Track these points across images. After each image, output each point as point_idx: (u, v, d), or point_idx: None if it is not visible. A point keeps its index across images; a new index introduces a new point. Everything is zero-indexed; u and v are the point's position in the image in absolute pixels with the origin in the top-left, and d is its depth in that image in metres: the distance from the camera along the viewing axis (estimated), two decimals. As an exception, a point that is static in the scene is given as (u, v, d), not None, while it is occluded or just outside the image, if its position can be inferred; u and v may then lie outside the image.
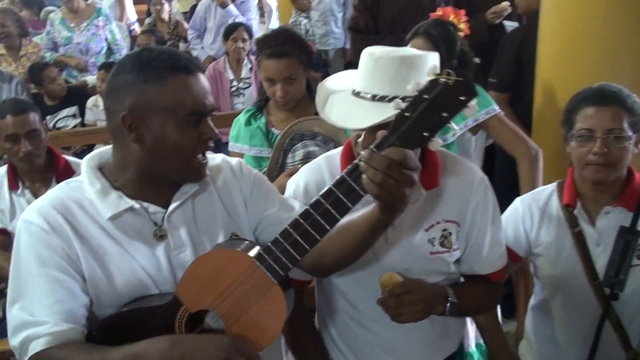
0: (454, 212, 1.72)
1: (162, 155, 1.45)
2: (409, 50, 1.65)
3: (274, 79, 2.52)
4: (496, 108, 2.64)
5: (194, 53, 6.03)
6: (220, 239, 1.56)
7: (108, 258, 1.47)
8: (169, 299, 1.44)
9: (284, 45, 2.50)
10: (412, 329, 1.70)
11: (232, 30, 4.75)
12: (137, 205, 1.48)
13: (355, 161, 1.30)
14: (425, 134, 1.24)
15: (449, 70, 1.23)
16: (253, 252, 1.43)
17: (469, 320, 2.18)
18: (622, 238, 1.94)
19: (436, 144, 1.27)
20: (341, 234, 1.43)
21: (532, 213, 2.07)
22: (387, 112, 1.44)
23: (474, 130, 2.68)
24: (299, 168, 1.93)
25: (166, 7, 6.47)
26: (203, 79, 1.48)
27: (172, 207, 1.52)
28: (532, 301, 2.20)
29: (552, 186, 2.10)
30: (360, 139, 1.60)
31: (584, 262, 1.97)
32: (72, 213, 1.46)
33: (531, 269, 2.17)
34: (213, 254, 1.46)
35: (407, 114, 1.24)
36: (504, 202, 2.14)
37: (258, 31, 5.91)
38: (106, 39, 5.44)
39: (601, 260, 1.97)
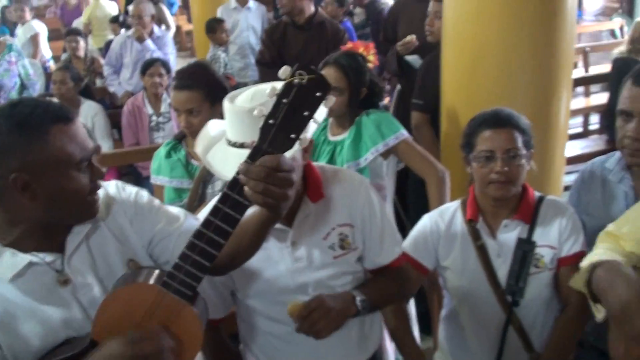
0: (345, 216, 1.89)
1: (59, 206, 1.46)
2: (258, 90, 1.73)
3: (179, 110, 2.64)
4: (404, 133, 2.79)
5: (111, 89, 6.01)
6: (121, 268, 1.58)
7: (17, 321, 1.45)
8: (86, 342, 1.44)
9: (189, 78, 2.62)
10: (332, 335, 1.81)
11: (148, 66, 4.78)
12: (34, 259, 1.48)
13: (234, 175, 1.34)
14: (292, 135, 1.29)
15: (300, 71, 1.27)
16: (156, 280, 1.47)
17: (387, 337, 2.31)
18: (520, 249, 2.10)
19: (304, 141, 1.31)
20: (234, 236, 1.46)
21: (439, 228, 2.21)
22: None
23: (385, 155, 2.82)
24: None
25: (82, 43, 6.42)
26: (78, 123, 1.48)
27: (68, 250, 1.52)
28: (443, 312, 2.34)
29: (456, 203, 2.25)
30: None
31: (487, 273, 2.12)
32: None
33: (440, 282, 2.30)
34: (117, 293, 1.47)
35: (271, 121, 1.29)
36: (416, 221, 2.29)
37: (175, 65, 5.96)
38: (19, 75, 5.38)
39: (502, 270, 2.11)
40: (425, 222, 2.25)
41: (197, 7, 7.10)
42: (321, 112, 1.32)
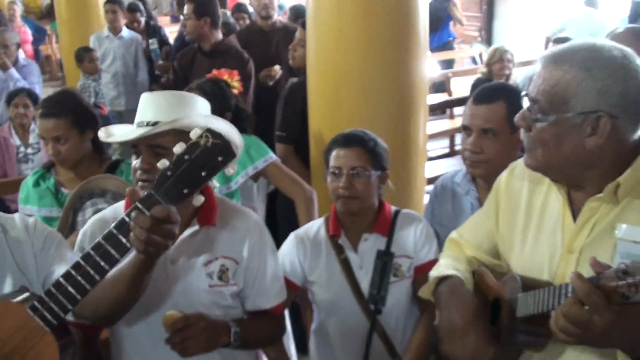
0: (231, 250, 1.91)
1: None
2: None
3: (45, 138, 2.63)
4: (273, 156, 2.91)
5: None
6: (7, 287, 1.61)
7: None
8: None
9: (55, 106, 2.63)
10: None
11: (14, 96, 4.65)
12: None
13: (123, 216, 1.40)
14: (185, 191, 1.37)
15: (208, 134, 1.36)
16: (27, 303, 1.49)
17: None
18: (380, 260, 2.26)
19: (198, 200, 1.42)
20: (112, 282, 1.52)
21: (305, 245, 2.33)
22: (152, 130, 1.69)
23: (255, 177, 2.93)
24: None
25: None
26: None
27: None
28: (313, 325, 2.45)
29: (320, 220, 2.39)
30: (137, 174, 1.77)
31: (351, 284, 2.26)
32: None
33: (309, 297, 2.42)
34: None
35: (169, 173, 1.37)
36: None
37: (42, 95, 5.81)
38: None
39: (365, 281, 2.26)
40: (292, 239, 2.36)
41: (66, 36, 6.95)
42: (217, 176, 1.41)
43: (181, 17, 5.50)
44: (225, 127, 1.90)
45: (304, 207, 2.89)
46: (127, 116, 6.38)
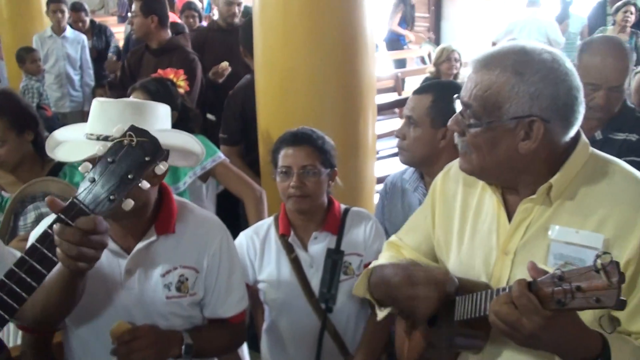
0: (192, 258, 1.84)
1: None
2: (137, 99, 1.83)
3: None
4: (221, 155, 2.88)
5: None
6: None
7: None
8: None
9: None
10: None
11: None
12: None
13: (46, 229, 1.30)
14: (112, 197, 1.27)
15: (131, 133, 1.28)
16: None
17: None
18: (330, 258, 2.25)
19: (128, 204, 1.30)
20: (44, 290, 1.43)
21: (255, 244, 2.31)
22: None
23: (204, 177, 2.89)
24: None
25: None
26: None
27: None
28: (264, 325, 2.42)
29: (270, 219, 2.37)
30: None
31: (301, 283, 2.25)
32: None
33: (260, 296, 2.40)
34: None
35: (91, 178, 1.27)
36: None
37: None
38: None
39: (315, 280, 2.25)
40: (242, 239, 2.34)
41: (7, 36, 6.77)
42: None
43: (129, 15, 5.41)
44: (185, 139, 1.86)
45: (254, 206, 2.87)
46: (71, 118, 6.25)
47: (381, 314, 1.76)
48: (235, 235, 2.41)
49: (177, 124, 2.86)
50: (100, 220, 1.28)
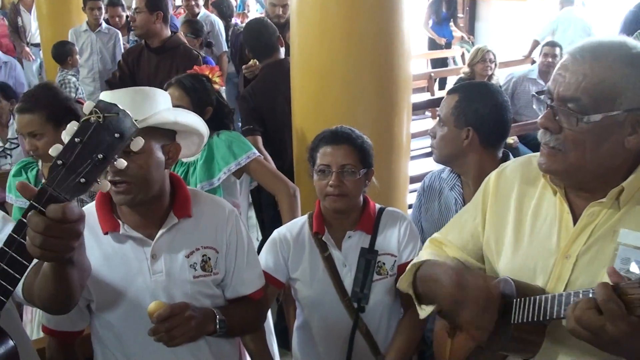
0: (210, 239, 1.92)
1: None
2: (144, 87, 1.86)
3: (22, 133, 2.60)
4: (255, 152, 2.89)
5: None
6: None
7: None
8: None
9: (30, 101, 2.59)
10: (188, 355, 1.85)
11: None
12: None
13: (21, 218, 1.24)
14: (82, 180, 1.19)
15: (97, 109, 1.20)
16: None
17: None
18: (364, 258, 2.24)
19: (104, 185, 1.25)
20: (40, 279, 1.42)
21: (288, 242, 2.31)
22: None
23: (238, 174, 2.90)
24: None
25: None
26: None
27: None
28: (296, 322, 2.43)
29: (304, 217, 2.37)
30: None
31: (334, 282, 2.25)
32: None
33: (293, 294, 2.40)
34: None
35: (59, 162, 1.19)
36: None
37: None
38: None
39: (348, 279, 2.25)
40: (275, 236, 2.34)
41: (46, 31, 6.87)
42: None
43: (129, 12, 5.44)
44: (193, 119, 1.91)
45: (287, 203, 2.87)
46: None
47: (424, 311, 1.75)
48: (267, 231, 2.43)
49: (212, 119, 2.88)
50: (70, 208, 1.19)
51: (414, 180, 3.86)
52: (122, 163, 1.25)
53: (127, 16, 6.96)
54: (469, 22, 10.61)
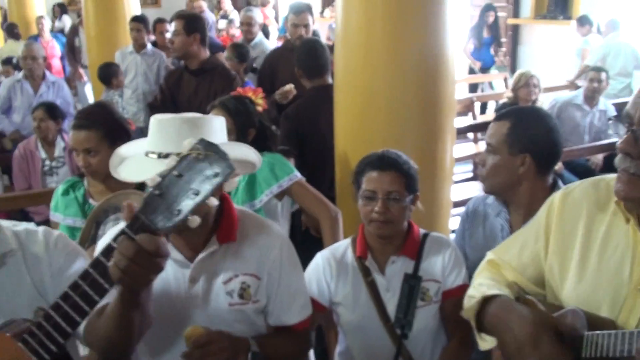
0: (253, 266, 1.86)
1: None
2: (192, 113, 1.84)
3: (76, 149, 2.63)
4: (298, 174, 2.89)
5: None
6: (24, 310, 1.56)
7: None
8: None
9: (87, 118, 2.63)
10: None
11: (34, 110, 4.74)
12: None
13: (110, 242, 1.28)
14: (176, 211, 1.22)
15: (199, 146, 1.23)
16: (17, 333, 1.40)
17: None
18: (407, 283, 2.21)
19: (194, 221, 1.25)
20: (105, 319, 1.44)
21: (331, 266, 2.28)
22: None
23: (280, 196, 2.90)
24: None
25: None
26: None
27: None
28: (338, 348, 2.40)
29: (347, 241, 2.35)
30: None
31: (377, 307, 2.21)
32: None
33: (334, 318, 2.37)
34: None
35: (157, 192, 1.22)
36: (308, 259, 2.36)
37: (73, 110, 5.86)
38: None
39: (391, 304, 2.21)
40: (318, 260, 2.32)
41: (94, 51, 7.02)
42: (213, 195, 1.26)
43: (167, 35, 5.50)
44: (244, 151, 1.90)
45: (329, 226, 2.85)
46: (146, 132, 6.36)
47: (485, 343, 1.65)
48: (309, 254, 2.41)
49: (255, 141, 2.89)
50: (163, 243, 1.24)
51: (455, 205, 3.82)
52: (214, 201, 1.27)
53: (171, 37, 7.06)
54: (512, 46, 10.51)
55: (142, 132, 6.39)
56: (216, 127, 1.83)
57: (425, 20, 3.02)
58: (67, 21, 11.72)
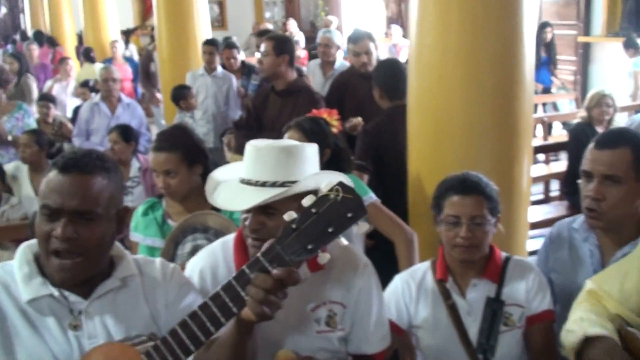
0: (339, 294, 1.87)
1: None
2: (288, 141, 1.88)
3: (156, 170, 2.69)
4: (373, 196, 2.87)
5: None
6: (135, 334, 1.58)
7: (18, 340, 1.51)
8: None
9: (167, 140, 2.69)
10: None
11: (109, 133, 4.89)
12: (56, 293, 1.54)
13: (244, 268, 1.35)
14: (309, 246, 1.29)
15: (339, 188, 1.29)
16: (143, 348, 1.45)
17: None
18: (490, 307, 2.17)
19: (323, 257, 1.32)
20: (217, 347, 1.48)
21: (410, 288, 2.26)
22: (268, 194, 1.63)
23: (355, 218, 2.89)
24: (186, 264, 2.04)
25: (52, 110, 6.44)
26: (75, 180, 1.51)
27: (91, 299, 1.57)
28: (416, 372, 2.37)
29: (427, 263, 2.32)
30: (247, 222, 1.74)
31: (459, 331, 2.17)
32: None
33: (413, 342, 2.34)
34: (104, 346, 1.48)
35: (293, 226, 1.29)
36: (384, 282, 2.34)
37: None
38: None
39: (473, 329, 2.17)
40: (397, 282, 2.30)
41: (166, 74, 7.20)
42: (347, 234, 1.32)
43: (257, 55, 5.53)
44: (330, 179, 1.88)
45: (405, 248, 2.82)
46: (215, 153, 6.48)
47: None
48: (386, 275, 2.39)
49: (330, 162, 2.90)
50: (296, 275, 1.31)
51: (531, 227, 3.73)
52: (344, 242, 1.34)
53: (242, 60, 7.18)
54: (582, 65, 10.27)
55: (211, 153, 6.50)
56: (310, 156, 1.83)
57: (502, 39, 2.98)
58: (133, 49, 12.12)
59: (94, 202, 1.52)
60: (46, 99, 6.50)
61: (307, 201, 1.30)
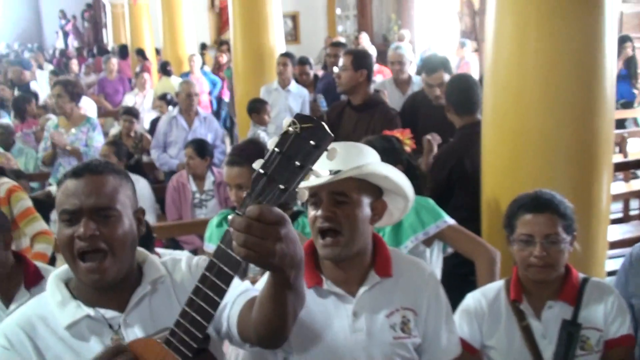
0: (410, 300, 1.89)
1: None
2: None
3: (229, 184, 2.76)
4: (447, 220, 2.79)
5: (164, 168, 6.16)
6: None
7: None
8: None
9: (240, 155, 2.77)
10: None
11: (186, 147, 5.02)
12: (92, 313, 1.57)
13: (227, 229, 1.32)
14: (281, 186, 1.25)
15: (295, 120, 1.25)
16: (162, 337, 1.44)
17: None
18: (565, 330, 2.11)
19: (302, 194, 1.28)
20: (259, 303, 1.47)
21: (483, 308, 2.23)
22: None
23: (427, 242, 2.84)
24: (259, 278, 2.07)
25: (136, 124, 6.62)
26: (89, 181, 1.54)
27: (127, 310, 1.60)
28: (489, 393, 2.32)
29: (500, 283, 2.28)
30: None
31: (533, 354, 2.13)
32: (34, 329, 1.55)
33: (485, 362, 2.30)
34: (131, 344, 1.45)
35: (261, 171, 1.27)
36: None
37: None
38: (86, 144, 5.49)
39: (548, 352, 2.12)
40: (469, 301, 2.27)
41: (241, 88, 7.32)
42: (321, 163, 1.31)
43: (335, 69, 5.52)
44: (403, 179, 1.94)
45: (487, 268, 2.73)
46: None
47: None
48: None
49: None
50: (267, 209, 1.24)
51: (610, 246, 3.60)
52: (303, 194, 1.28)
53: (314, 74, 7.25)
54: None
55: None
56: (375, 157, 1.93)
57: (581, 54, 2.90)
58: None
59: (111, 198, 1.55)
60: (130, 113, 6.70)
61: (269, 144, 1.28)
